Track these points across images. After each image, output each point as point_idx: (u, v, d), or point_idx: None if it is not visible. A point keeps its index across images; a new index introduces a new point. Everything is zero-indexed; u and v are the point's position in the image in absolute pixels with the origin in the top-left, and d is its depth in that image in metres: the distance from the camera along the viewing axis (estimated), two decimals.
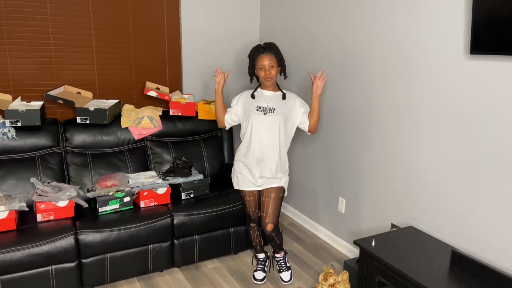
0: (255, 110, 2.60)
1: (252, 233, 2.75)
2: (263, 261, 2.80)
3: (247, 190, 2.67)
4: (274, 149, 2.61)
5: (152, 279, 2.76)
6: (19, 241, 2.32)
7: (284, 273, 2.75)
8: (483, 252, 2.13)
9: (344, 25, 2.93)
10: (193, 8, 3.63)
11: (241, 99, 2.71)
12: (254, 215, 2.70)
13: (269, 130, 2.58)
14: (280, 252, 2.78)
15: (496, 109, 2.00)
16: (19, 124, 2.80)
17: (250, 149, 2.62)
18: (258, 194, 2.69)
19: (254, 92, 2.67)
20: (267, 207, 2.60)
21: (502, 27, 1.87)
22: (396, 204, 2.65)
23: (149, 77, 3.56)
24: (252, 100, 2.65)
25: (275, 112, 2.58)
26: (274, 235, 2.65)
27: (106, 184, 2.75)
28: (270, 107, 2.59)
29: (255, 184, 2.64)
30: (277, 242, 2.71)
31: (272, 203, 2.60)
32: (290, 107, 2.64)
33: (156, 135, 3.26)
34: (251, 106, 2.63)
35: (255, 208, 2.69)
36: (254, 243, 2.78)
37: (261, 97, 2.65)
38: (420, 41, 2.36)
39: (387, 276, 2.09)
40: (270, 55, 2.54)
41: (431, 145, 2.36)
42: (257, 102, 2.63)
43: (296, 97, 2.69)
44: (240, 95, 2.74)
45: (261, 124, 2.58)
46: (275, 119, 2.57)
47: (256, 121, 2.58)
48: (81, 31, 3.22)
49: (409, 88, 2.47)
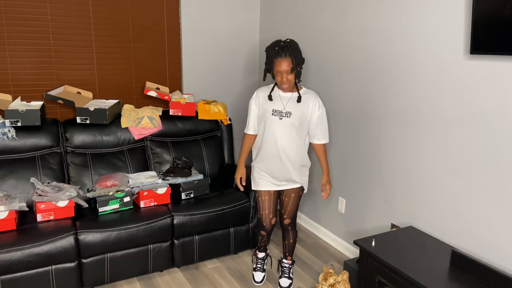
0: (270, 114, 2.44)
1: (260, 239, 2.72)
2: (262, 259, 2.78)
3: (264, 190, 2.55)
4: (292, 154, 2.46)
5: (152, 279, 2.76)
6: (19, 241, 2.32)
7: (284, 279, 2.70)
8: (483, 252, 2.13)
9: (344, 25, 2.93)
10: (193, 8, 3.62)
11: (260, 100, 2.51)
12: (267, 221, 2.57)
13: (286, 135, 2.43)
14: (289, 259, 2.74)
15: (496, 109, 2.00)
16: (19, 124, 2.80)
17: (267, 154, 2.48)
18: (275, 196, 2.58)
19: (271, 93, 2.47)
20: (286, 206, 2.59)
21: (502, 27, 1.87)
22: (396, 204, 2.65)
23: (149, 77, 3.56)
24: (268, 101, 2.46)
25: (292, 116, 2.41)
26: (290, 229, 2.65)
27: (106, 184, 2.75)
28: (287, 111, 2.42)
29: (274, 184, 2.53)
30: (291, 241, 2.68)
31: (292, 203, 2.58)
32: (308, 107, 2.45)
33: (156, 135, 3.26)
34: (267, 108, 2.45)
35: (269, 211, 2.56)
36: (258, 245, 2.77)
37: (278, 98, 2.45)
38: (420, 41, 2.36)
39: (387, 276, 2.09)
40: (288, 60, 2.31)
41: (431, 144, 2.36)
42: (274, 105, 2.44)
43: (316, 98, 2.48)
44: (257, 94, 2.52)
45: (277, 128, 2.42)
46: (291, 123, 2.41)
47: (271, 126, 2.43)
48: (81, 31, 3.22)
49: (409, 88, 2.47)
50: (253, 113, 2.54)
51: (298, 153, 2.48)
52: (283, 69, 2.32)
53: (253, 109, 2.53)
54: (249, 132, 2.57)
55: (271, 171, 2.51)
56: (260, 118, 2.51)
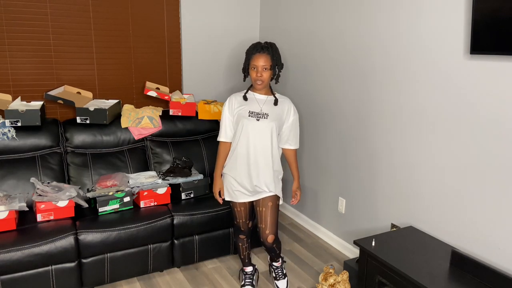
0: (247, 116, 2.35)
1: (241, 245, 2.59)
2: (251, 274, 2.66)
3: (239, 202, 2.47)
4: (267, 158, 2.38)
5: (152, 279, 2.76)
6: (19, 241, 2.32)
7: (280, 281, 2.68)
8: (483, 252, 2.13)
9: (344, 25, 2.93)
10: (193, 8, 3.63)
11: (233, 105, 2.42)
12: (244, 227, 2.53)
13: (262, 138, 2.36)
14: (278, 261, 2.69)
15: (496, 109, 2.00)
16: (19, 124, 2.80)
17: (241, 158, 2.39)
18: (250, 205, 2.50)
19: (246, 94, 2.41)
20: (265, 218, 2.41)
21: (502, 27, 1.87)
22: (396, 204, 2.65)
23: (149, 77, 3.56)
24: (244, 103, 2.39)
25: (269, 118, 2.35)
26: (275, 246, 2.50)
27: (106, 184, 2.75)
28: (264, 112, 2.36)
29: (248, 195, 2.43)
30: (277, 252, 2.57)
31: (271, 213, 2.42)
32: (283, 111, 2.42)
33: (156, 135, 3.26)
34: (243, 111, 2.38)
35: (246, 219, 2.52)
36: (242, 256, 2.63)
37: (253, 100, 2.39)
38: (420, 41, 2.36)
39: (387, 276, 2.09)
40: (266, 57, 2.29)
41: (431, 145, 2.36)
42: (249, 106, 2.38)
43: (290, 102, 2.45)
44: (229, 101, 2.44)
45: (254, 131, 2.35)
46: (268, 125, 2.35)
47: (248, 128, 2.35)
48: (81, 31, 3.22)
49: (409, 88, 2.47)
50: (226, 119, 2.44)
51: (273, 157, 2.40)
52: (260, 64, 2.29)
53: (226, 115, 2.44)
54: (222, 139, 2.47)
55: (244, 179, 2.40)
56: (236, 124, 2.42)
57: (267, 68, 2.31)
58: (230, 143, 2.47)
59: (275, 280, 2.71)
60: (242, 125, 2.36)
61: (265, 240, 2.44)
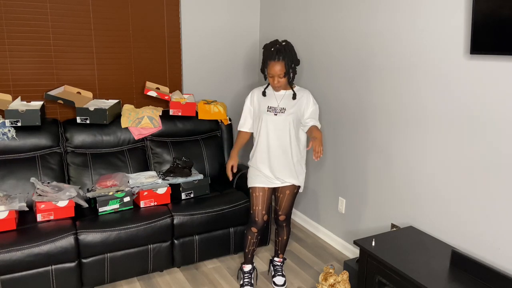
0: (265, 111, 2.50)
1: (250, 238, 2.59)
2: (249, 273, 2.65)
3: (258, 186, 2.54)
4: (286, 151, 2.50)
5: (152, 279, 2.76)
6: (19, 241, 2.32)
7: (278, 277, 2.69)
8: (483, 252, 2.13)
9: (344, 25, 2.93)
10: (193, 8, 3.63)
11: (255, 99, 2.59)
12: (259, 216, 2.54)
13: (281, 132, 2.48)
14: (280, 257, 2.76)
15: (496, 109, 2.00)
16: (19, 124, 2.80)
17: (262, 152, 2.52)
18: (269, 193, 2.57)
19: (266, 89, 2.56)
20: (281, 202, 2.61)
21: (502, 27, 1.87)
22: (396, 204, 2.65)
23: (149, 77, 3.56)
24: (263, 99, 2.55)
25: (286, 112, 2.48)
26: (285, 226, 2.68)
27: (106, 184, 2.75)
28: (281, 107, 2.49)
29: (268, 181, 2.53)
30: (284, 237, 2.70)
31: (286, 200, 2.60)
32: (302, 105, 2.52)
33: (156, 135, 3.26)
34: (262, 106, 2.53)
35: (262, 207, 2.54)
36: (246, 250, 2.63)
37: (272, 95, 2.54)
38: (420, 41, 2.36)
39: (387, 276, 2.09)
40: (281, 64, 2.37)
41: (431, 145, 2.36)
42: (268, 101, 2.52)
43: (309, 94, 2.55)
44: (252, 93, 2.62)
45: (272, 125, 2.48)
46: (285, 119, 2.47)
47: (267, 123, 2.49)
48: (81, 31, 3.22)
49: (409, 88, 2.47)
50: (247, 110, 2.64)
51: (292, 150, 2.52)
52: (276, 73, 2.40)
53: (247, 106, 2.63)
54: (241, 129, 2.67)
55: (266, 170, 2.53)
56: (256, 117, 2.58)
57: (282, 75, 2.42)
58: (248, 132, 2.67)
59: (272, 278, 2.72)
60: (262, 120, 2.52)
61: (277, 218, 2.67)
